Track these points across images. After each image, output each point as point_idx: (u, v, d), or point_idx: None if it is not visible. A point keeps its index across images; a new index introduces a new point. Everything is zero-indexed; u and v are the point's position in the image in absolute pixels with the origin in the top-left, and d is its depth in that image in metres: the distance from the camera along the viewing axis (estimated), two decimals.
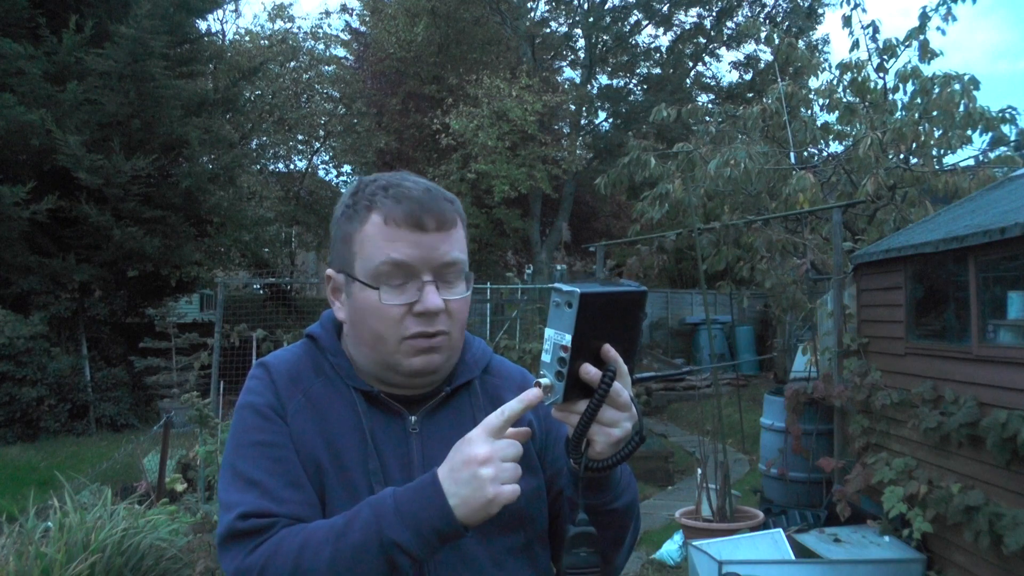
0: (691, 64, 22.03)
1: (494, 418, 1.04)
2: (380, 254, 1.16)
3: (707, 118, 9.94)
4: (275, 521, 1.10)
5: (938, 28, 7.90)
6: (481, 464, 1.01)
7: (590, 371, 1.02)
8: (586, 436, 1.06)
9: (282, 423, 1.18)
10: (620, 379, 1.04)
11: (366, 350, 1.21)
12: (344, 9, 21.07)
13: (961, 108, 7.07)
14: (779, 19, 20.13)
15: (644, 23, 21.21)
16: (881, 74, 8.17)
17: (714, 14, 20.78)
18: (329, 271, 1.25)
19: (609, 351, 1.04)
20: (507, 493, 1.02)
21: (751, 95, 17.65)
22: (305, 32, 19.07)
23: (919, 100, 7.42)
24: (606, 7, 20.65)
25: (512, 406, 1.04)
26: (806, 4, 20.12)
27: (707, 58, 22.06)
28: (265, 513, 1.10)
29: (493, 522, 1.06)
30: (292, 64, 18.16)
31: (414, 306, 1.16)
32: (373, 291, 1.16)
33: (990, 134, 7.26)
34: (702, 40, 21.41)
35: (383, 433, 1.20)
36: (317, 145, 19.41)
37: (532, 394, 1.03)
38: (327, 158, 20.41)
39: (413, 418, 1.22)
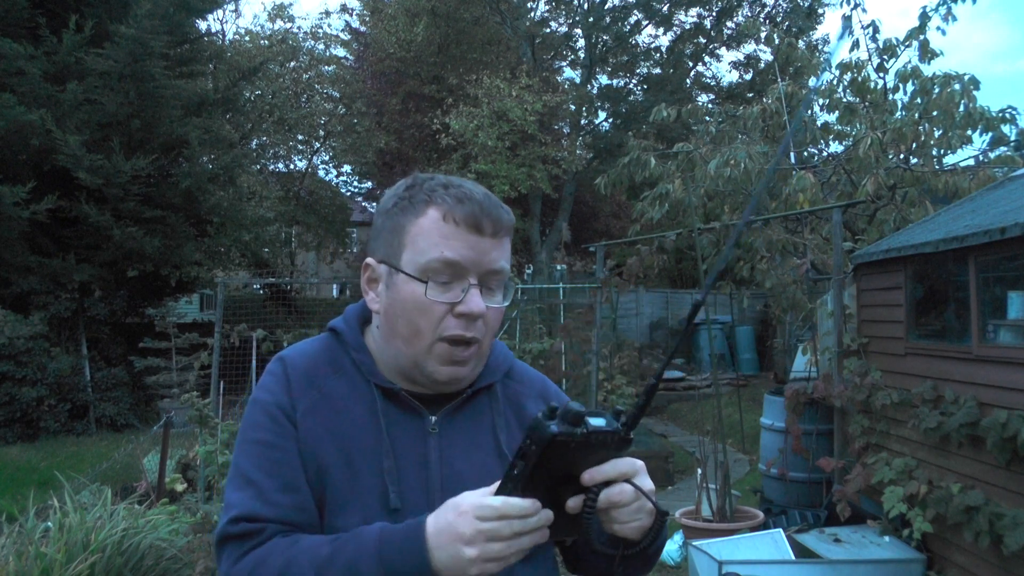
0: (691, 64, 22.03)
1: (489, 504, 0.99)
2: (434, 250, 1.15)
3: (707, 118, 9.94)
4: (264, 527, 1.10)
5: (938, 28, 7.89)
6: (466, 544, 0.98)
7: (571, 504, 1.02)
8: (605, 548, 1.04)
9: (288, 425, 1.17)
10: (608, 487, 1.02)
11: (399, 343, 1.19)
12: (344, 9, 21.09)
13: (961, 108, 7.07)
14: (779, 19, 20.13)
15: (644, 23, 21.21)
16: (881, 74, 8.17)
17: (714, 14, 20.78)
18: (369, 260, 1.23)
19: (587, 476, 1.01)
20: (490, 570, 0.99)
21: (751, 95, 17.65)
22: (305, 32, 19.11)
23: (919, 100, 7.41)
24: (606, 7, 20.64)
25: (513, 504, 0.99)
26: (806, 4, 20.11)
27: (707, 58, 22.08)
28: (254, 517, 1.11)
29: None
30: (292, 64, 18.17)
31: (456, 306, 1.15)
32: (420, 284, 1.15)
33: (990, 134, 7.26)
34: (702, 40, 21.42)
35: (401, 432, 1.19)
36: (317, 145, 19.41)
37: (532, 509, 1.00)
38: (327, 158, 20.44)
39: (433, 418, 1.21)
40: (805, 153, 8.71)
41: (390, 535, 1.05)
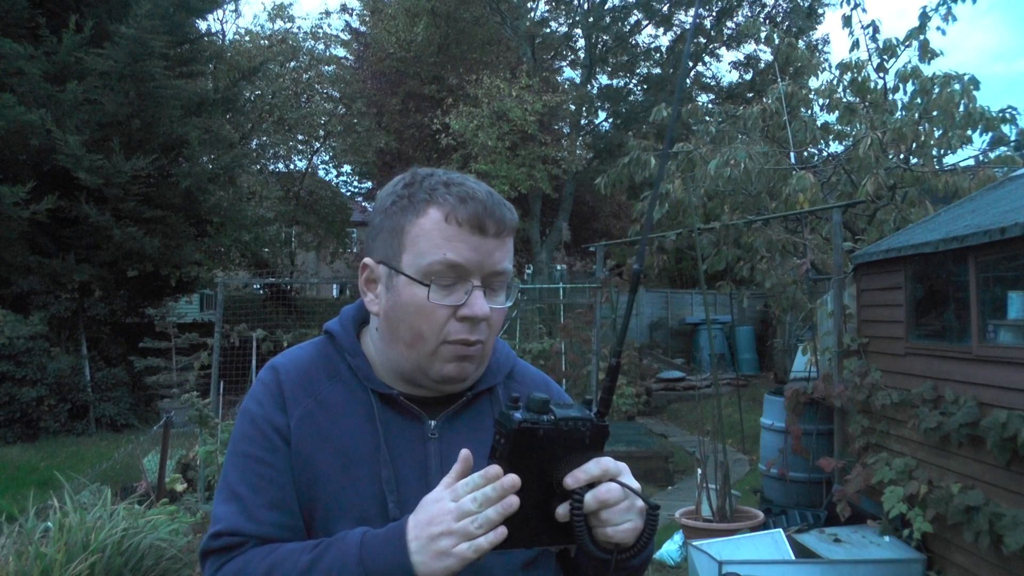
0: (691, 64, 22.04)
1: (462, 483, 0.99)
2: (436, 252, 1.10)
3: (707, 118, 9.95)
4: (246, 541, 1.10)
5: (938, 28, 7.92)
6: (439, 528, 0.97)
7: (560, 512, 0.99)
8: (601, 553, 1.00)
9: (278, 441, 1.14)
10: (594, 488, 0.99)
11: (402, 348, 1.15)
12: (344, 9, 21.12)
13: (961, 108, 7.08)
14: (779, 19, 20.15)
15: (644, 23, 21.23)
16: (881, 74, 8.17)
17: (714, 14, 20.79)
18: (367, 260, 1.19)
19: (570, 479, 0.98)
20: (464, 553, 0.96)
21: (751, 95, 17.67)
22: (305, 32, 19.11)
23: (919, 100, 7.42)
24: (606, 7, 20.65)
25: (479, 474, 0.98)
26: (806, 4, 20.12)
27: (707, 58, 22.08)
28: (237, 532, 1.10)
29: None
30: (292, 64, 18.18)
31: (459, 309, 1.11)
32: (422, 288, 1.11)
33: (990, 134, 7.26)
34: (702, 40, 21.42)
35: (399, 438, 1.16)
36: (317, 145, 19.42)
37: (494, 471, 0.97)
38: (327, 158, 20.46)
39: (432, 423, 1.17)
40: (805, 153, 8.71)
41: (372, 538, 1.02)
